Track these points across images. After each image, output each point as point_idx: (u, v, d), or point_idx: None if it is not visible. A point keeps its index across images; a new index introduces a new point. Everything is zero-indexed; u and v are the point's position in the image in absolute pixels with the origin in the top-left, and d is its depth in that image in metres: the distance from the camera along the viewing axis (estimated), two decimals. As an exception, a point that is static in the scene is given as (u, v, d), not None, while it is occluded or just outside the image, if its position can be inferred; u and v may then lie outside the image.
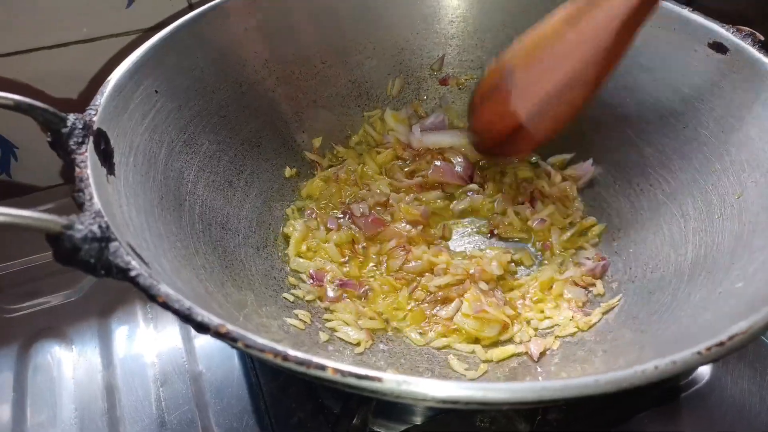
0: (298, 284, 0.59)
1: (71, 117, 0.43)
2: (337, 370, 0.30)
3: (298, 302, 0.57)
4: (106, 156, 0.44)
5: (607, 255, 0.60)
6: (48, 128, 0.43)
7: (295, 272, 0.60)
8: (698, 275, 0.48)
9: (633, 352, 0.46)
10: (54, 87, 0.72)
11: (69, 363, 0.59)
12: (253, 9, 0.63)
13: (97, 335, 0.61)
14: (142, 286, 0.34)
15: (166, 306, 0.34)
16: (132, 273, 0.34)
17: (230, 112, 0.61)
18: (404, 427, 0.52)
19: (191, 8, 0.71)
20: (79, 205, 0.38)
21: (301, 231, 0.62)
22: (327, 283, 0.58)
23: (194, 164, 0.56)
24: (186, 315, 0.33)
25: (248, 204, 0.61)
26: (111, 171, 0.43)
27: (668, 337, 0.44)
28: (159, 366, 0.58)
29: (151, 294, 0.34)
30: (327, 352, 0.51)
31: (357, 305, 0.57)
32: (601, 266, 0.59)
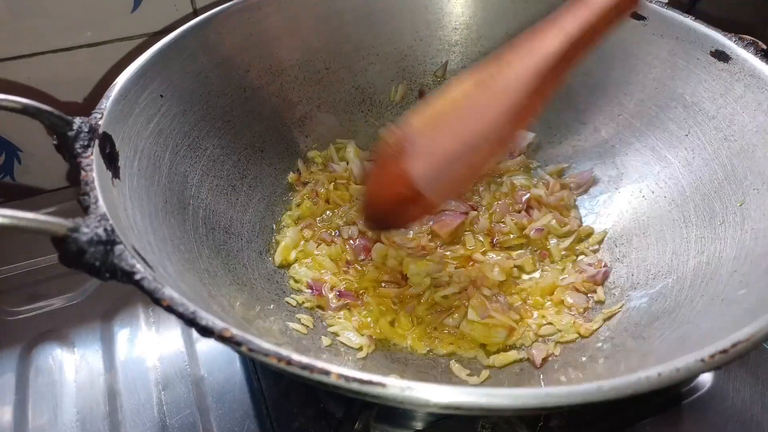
0: (299, 289, 0.59)
1: (77, 120, 0.43)
2: (341, 376, 0.30)
3: (300, 306, 0.57)
4: (112, 159, 0.44)
5: (609, 261, 0.60)
6: (54, 132, 0.43)
7: (291, 279, 0.60)
8: (700, 282, 0.48)
9: (635, 359, 0.46)
10: (60, 91, 0.72)
11: (71, 366, 0.59)
12: (258, 15, 0.63)
13: (99, 338, 0.61)
14: (147, 290, 0.34)
15: (171, 309, 0.34)
16: (137, 276, 0.35)
17: (234, 117, 0.61)
18: (406, 433, 0.52)
19: (196, 14, 0.72)
20: (85, 208, 0.38)
21: (292, 238, 0.61)
22: (327, 292, 0.58)
23: (198, 168, 0.56)
24: (190, 319, 0.33)
25: (251, 208, 0.61)
26: (116, 174, 0.43)
27: (670, 344, 0.44)
28: (161, 369, 0.58)
29: (156, 297, 0.34)
30: (329, 357, 0.51)
31: (360, 317, 0.56)
32: (603, 273, 0.59)
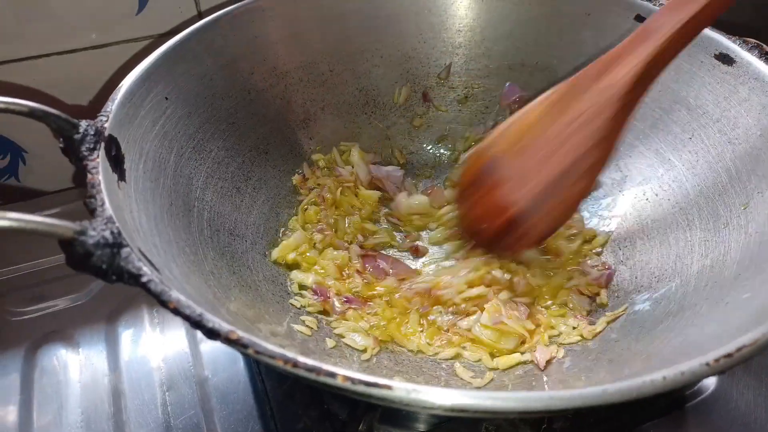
0: (302, 294, 0.58)
1: (83, 123, 0.43)
2: (348, 378, 0.30)
3: (304, 308, 0.57)
4: (117, 162, 0.44)
5: (613, 264, 0.60)
6: (60, 134, 0.43)
7: (293, 282, 0.59)
8: (704, 286, 0.48)
9: (638, 362, 0.46)
10: (65, 93, 0.72)
11: (75, 366, 0.59)
12: (262, 17, 0.63)
13: (104, 339, 0.61)
14: (154, 292, 0.34)
15: (178, 312, 0.34)
16: (143, 279, 0.35)
17: (239, 119, 0.61)
18: (409, 434, 0.52)
19: (200, 16, 0.73)
20: (91, 211, 0.38)
21: (296, 239, 0.61)
22: (333, 297, 0.58)
23: (203, 170, 0.56)
24: (197, 321, 0.33)
25: (256, 210, 0.61)
26: (122, 177, 0.44)
27: (674, 348, 0.44)
28: (165, 370, 0.59)
29: (163, 300, 0.34)
30: (333, 359, 0.52)
31: (366, 318, 0.56)
32: (606, 275, 0.59)
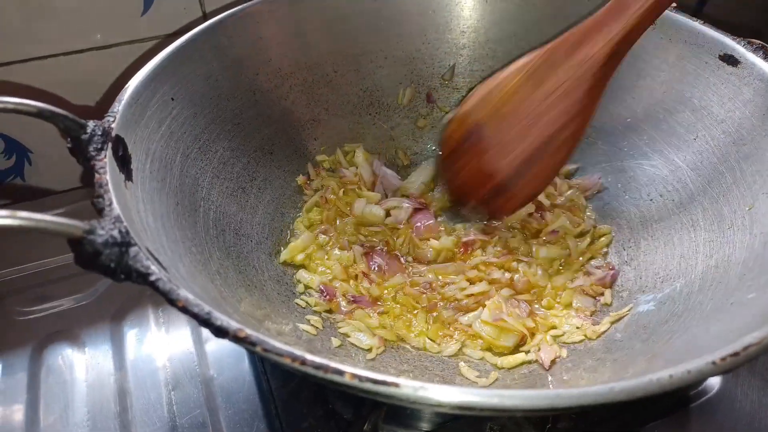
0: (309, 293, 0.59)
1: (91, 124, 0.44)
2: (355, 375, 0.31)
3: (310, 308, 0.57)
4: (124, 162, 0.44)
5: (617, 264, 0.60)
6: (68, 135, 0.44)
7: (299, 282, 0.60)
8: (709, 286, 0.48)
9: (642, 362, 0.46)
10: (72, 94, 0.72)
11: (81, 366, 0.59)
12: (267, 18, 0.63)
13: (110, 338, 0.62)
14: (162, 291, 0.35)
15: (186, 310, 0.34)
16: (152, 277, 0.35)
17: (244, 120, 0.62)
18: (414, 433, 0.52)
19: (205, 17, 0.73)
20: (99, 211, 0.38)
21: (303, 240, 0.61)
22: (340, 297, 0.58)
23: (209, 171, 0.56)
24: (205, 319, 0.34)
25: (261, 210, 0.61)
26: (129, 177, 0.44)
27: (679, 347, 0.44)
28: (170, 369, 0.59)
29: (171, 298, 0.34)
30: (339, 358, 0.52)
31: (373, 317, 0.57)
32: (611, 275, 0.59)
